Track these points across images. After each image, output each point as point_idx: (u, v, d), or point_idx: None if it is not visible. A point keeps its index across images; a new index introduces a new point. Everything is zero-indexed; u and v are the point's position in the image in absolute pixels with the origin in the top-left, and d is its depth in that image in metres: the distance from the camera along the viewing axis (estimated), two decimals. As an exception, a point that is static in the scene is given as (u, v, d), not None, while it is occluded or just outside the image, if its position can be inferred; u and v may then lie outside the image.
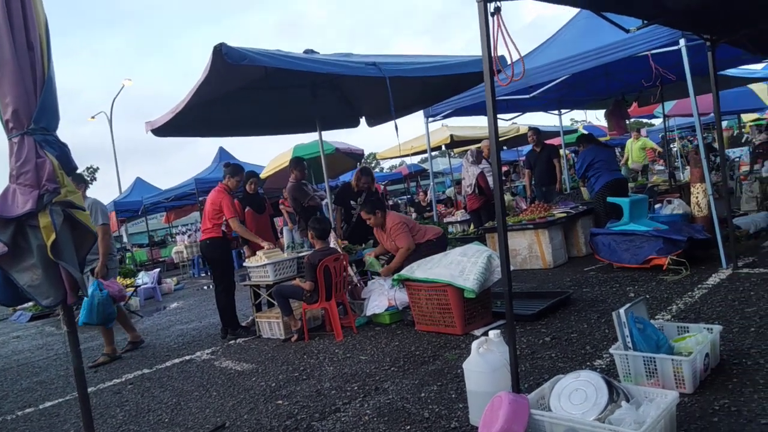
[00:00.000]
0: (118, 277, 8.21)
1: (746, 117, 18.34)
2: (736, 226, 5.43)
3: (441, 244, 5.44)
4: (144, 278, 10.10)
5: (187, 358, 5.02)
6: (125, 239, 18.92)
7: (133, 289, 8.53)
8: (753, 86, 11.94)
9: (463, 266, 4.32)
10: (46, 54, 2.95)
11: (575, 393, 2.32)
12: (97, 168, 21.83)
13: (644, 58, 6.24)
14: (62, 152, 3.01)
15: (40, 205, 2.81)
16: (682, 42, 5.09)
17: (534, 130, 9.01)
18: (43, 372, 5.42)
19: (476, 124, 13.28)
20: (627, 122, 10.33)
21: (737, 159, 11.90)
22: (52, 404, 4.21)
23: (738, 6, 4.01)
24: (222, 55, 4.34)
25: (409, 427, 2.75)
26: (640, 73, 7.48)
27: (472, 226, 9.12)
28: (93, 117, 26.07)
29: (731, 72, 8.79)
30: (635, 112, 11.58)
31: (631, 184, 8.87)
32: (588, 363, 3.19)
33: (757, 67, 9.94)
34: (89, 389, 3.54)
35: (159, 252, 18.89)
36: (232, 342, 5.35)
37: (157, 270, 11.60)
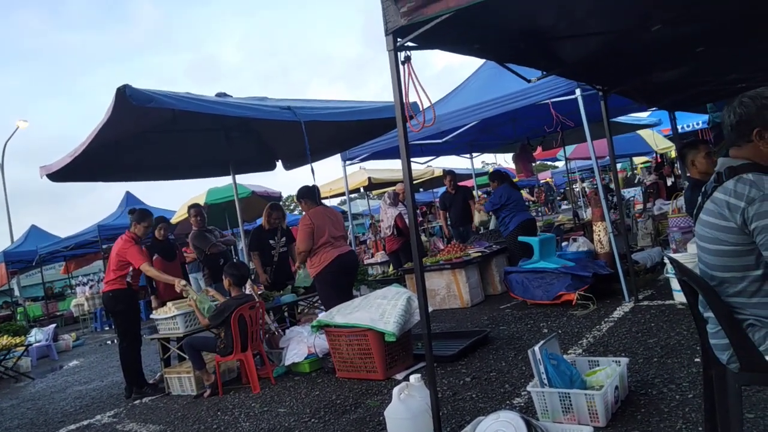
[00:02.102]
0: (6, 337, 7.42)
1: (637, 160, 20.11)
2: (634, 261, 5.81)
3: (341, 265, 5.24)
4: (37, 335, 9.19)
5: (86, 422, 4.54)
6: (17, 292, 17.24)
7: (23, 348, 7.70)
8: (641, 132, 13.17)
9: (383, 309, 4.27)
10: None
11: (496, 435, 2.30)
12: (-15, 216, 19.92)
13: (546, 106, 6.68)
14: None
15: None
16: (578, 92, 5.50)
17: (450, 173, 9.32)
18: None
19: (393, 167, 13.54)
20: (533, 165, 10.95)
21: (632, 198, 12.91)
22: None
23: (623, 61, 4.43)
24: (126, 96, 4.16)
25: (330, 484, 2.60)
26: (543, 119, 7.99)
27: (391, 268, 9.16)
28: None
29: (622, 119, 9.61)
30: (540, 155, 12.33)
31: (539, 224, 9.33)
32: (507, 402, 3.21)
33: (643, 115, 10.98)
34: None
35: (56, 305, 17.35)
36: (137, 402, 4.92)
37: (53, 326, 10.59)
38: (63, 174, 5.60)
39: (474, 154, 11.18)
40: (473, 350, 4.45)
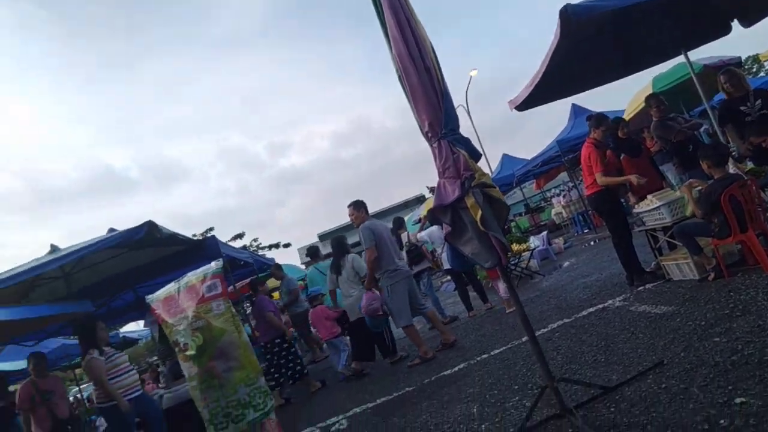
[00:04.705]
0: (514, 245, 9.16)
1: None
2: None
3: None
4: (535, 242, 10.94)
5: (600, 306, 5.26)
6: (508, 211, 20.80)
7: (529, 252, 9.38)
8: None
9: None
10: (439, 72, 3.68)
11: None
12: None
13: None
14: (467, 145, 3.70)
15: (464, 190, 3.53)
16: None
17: None
18: (483, 328, 6.57)
19: None
20: None
21: None
22: (500, 351, 5.11)
23: None
24: (569, 15, 4.48)
25: None
26: None
27: None
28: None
29: None
30: None
31: None
32: None
33: None
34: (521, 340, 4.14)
35: (539, 217, 20.02)
36: (641, 288, 5.36)
37: (545, 232, 12.36)
38: (526, 103, 6.48)
39: None
40: None
